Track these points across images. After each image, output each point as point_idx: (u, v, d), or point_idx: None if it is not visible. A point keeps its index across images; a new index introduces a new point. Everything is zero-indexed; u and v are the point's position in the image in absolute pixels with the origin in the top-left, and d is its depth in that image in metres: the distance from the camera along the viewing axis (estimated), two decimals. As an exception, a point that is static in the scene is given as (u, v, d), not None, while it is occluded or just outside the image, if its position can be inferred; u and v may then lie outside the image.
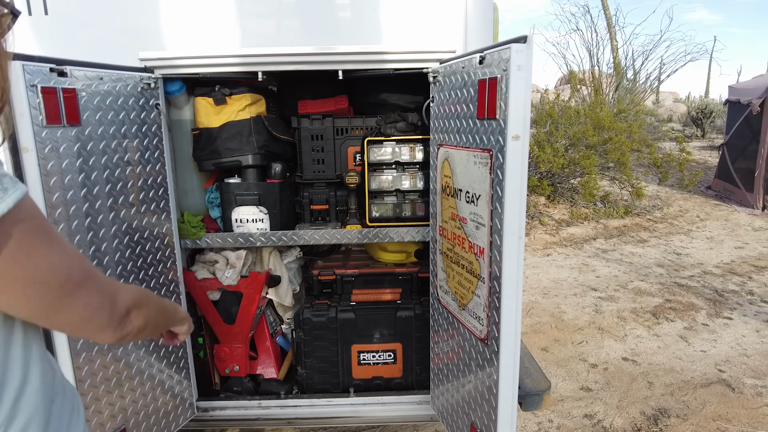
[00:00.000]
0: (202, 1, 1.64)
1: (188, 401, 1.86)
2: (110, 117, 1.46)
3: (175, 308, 1.05)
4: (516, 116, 1.17)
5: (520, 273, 1.27)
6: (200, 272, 1.91)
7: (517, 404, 2.15)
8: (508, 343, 1.29)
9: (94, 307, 0.71)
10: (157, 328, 0.95)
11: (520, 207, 1.22)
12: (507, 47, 1.15)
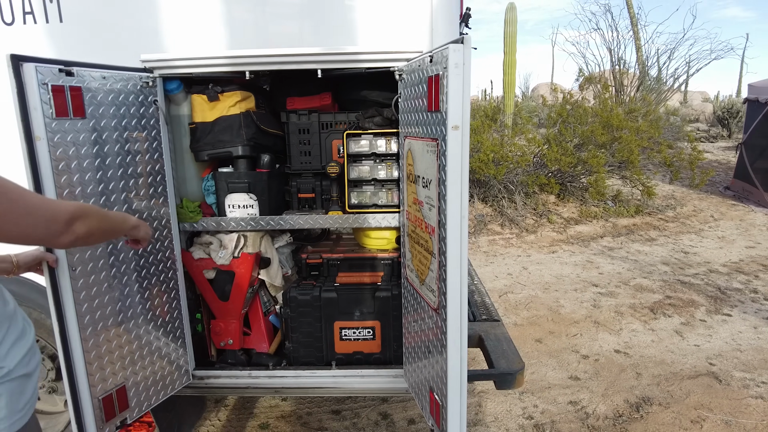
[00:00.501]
0: (196, 9, 1.84)
1: (185, 368, 2.06)
2: (112, 111, 1.67)
3: (123, 218, 1.33)
4: (455, 108, 1.32)
5: (464, 248, 1.41)
6: (197, 253, 2.12)
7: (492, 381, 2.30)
8: (455, 310, 1.44)
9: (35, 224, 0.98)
10: (106, 234, 1.24)
11: (462, 189, 1.37)
12: (446, 47, 1.31)
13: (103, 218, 1.18)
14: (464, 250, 1.42)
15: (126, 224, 1.34)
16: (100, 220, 1.16)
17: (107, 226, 1.21)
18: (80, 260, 1.60)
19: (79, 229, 1.07)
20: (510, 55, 11.76)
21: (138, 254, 1.82)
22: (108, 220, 1.23)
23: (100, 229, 1.16)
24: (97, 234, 1.15)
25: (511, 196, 6.84)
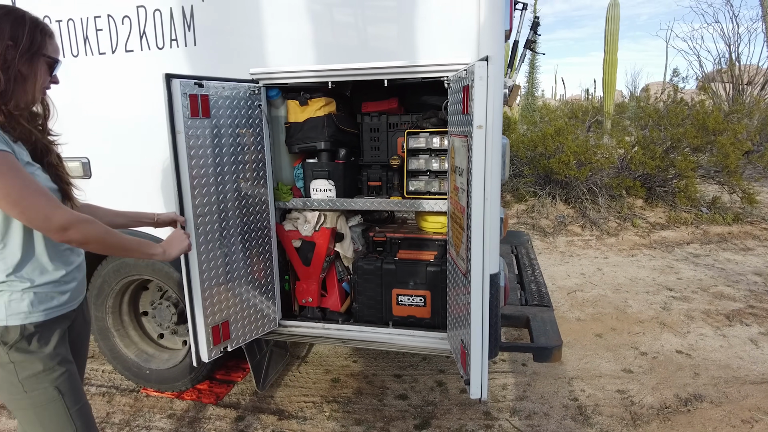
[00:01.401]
0: (291, 33, 2.34)
1: (273, 317, 2.61)
2: (228, 113, 2.24)
3: (139, 243, 1.50)
4: (479, 111, 1.68)
5: (487, 223, 1.76)
6: (287, 225, 2.65)
7: (531, 354, 2.58)
8: (477, 272, 1.79)
9: (33, 219, 1.31)
10: (111, 249, 1.45)
11: (486, 176, 1.72)
12: (474, 64, 1.67)
13: (104, 235, 1.40)
14: (488, 226, 1.77)
15: (144, 249, 1.52)
16: (99, 234, 1.39)
17: (113, 242, 1.43)
18: (201, 222, 2.18)
19: (73, 235, 1.34)
20: (611, 54, 11.38)
21: (243, 222, 2.38)
22: (114, 237, 1.43)
23: (100, 242, 1.39)
24: (95, 245, 1.39)
25: (594, 198, 6.79)
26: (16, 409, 1.48)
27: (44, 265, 1.45)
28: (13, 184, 1.27)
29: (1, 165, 1.26)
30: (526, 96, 18.42)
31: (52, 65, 1.46)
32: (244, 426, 2.78)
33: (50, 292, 1.47)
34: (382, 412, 2.91)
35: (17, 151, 1.37)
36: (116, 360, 3.12)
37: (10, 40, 1.35)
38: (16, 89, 1.37)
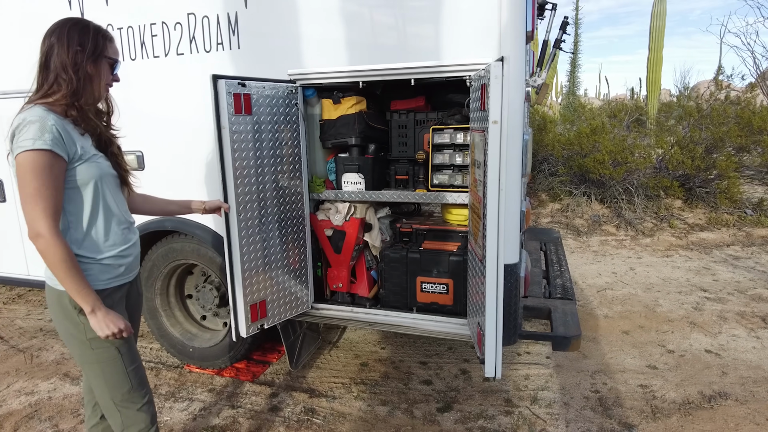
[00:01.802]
0: (325, 36, 2.53)
1: (306, 300, 2.81)
2: (268, 110, 2.45)
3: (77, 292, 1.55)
4: (495, 108, 1.81)
5: (502, 213, 1.89)
6: (320, 215, 2.85)
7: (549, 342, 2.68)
8: (492, 257, 1.92)
9: (26, 214, 1.50)
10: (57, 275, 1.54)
11: (500, 168, 1.85)
12: (490, 64, 1.80)
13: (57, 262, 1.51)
14: (503, 215, 1.89)
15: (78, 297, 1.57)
16: (54, 258, 1.51)
17: (59, 272, 1.53)
18: (243, 209, 2.40)
19: (38, 245, 1.50)
20: (656, 51, 11.11)
21: (280, 211, 2.59)
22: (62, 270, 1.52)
23: (51, 264, 1.52)
24: (48, 262, 1.53)
25: (630, 198, 6.70)
26: (84, 364, 1.73)
27: (104, 243, 1.68)
28: (33, 182, 1.48)
29: (40, 163, 1.48)
30: (567, 95, 18.10)
31: (113, 65, 1.71)
32: (277, 402, 3.00)
33: (110, 265, 1.70)
34: (407, 395, 3.06)
35: (81, 143, 1.59)
36: (163, 338, 3.40)
37: (79, 46, 1.59)
38: (85, 87, 1.62)
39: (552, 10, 3.61)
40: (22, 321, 4.32)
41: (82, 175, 1.60)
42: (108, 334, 1.61)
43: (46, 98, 1.58)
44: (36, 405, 3.02)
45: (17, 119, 1.54)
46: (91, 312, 1.60)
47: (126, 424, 1.77)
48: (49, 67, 1.59)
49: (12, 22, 3.21)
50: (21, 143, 1.48)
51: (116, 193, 1.74)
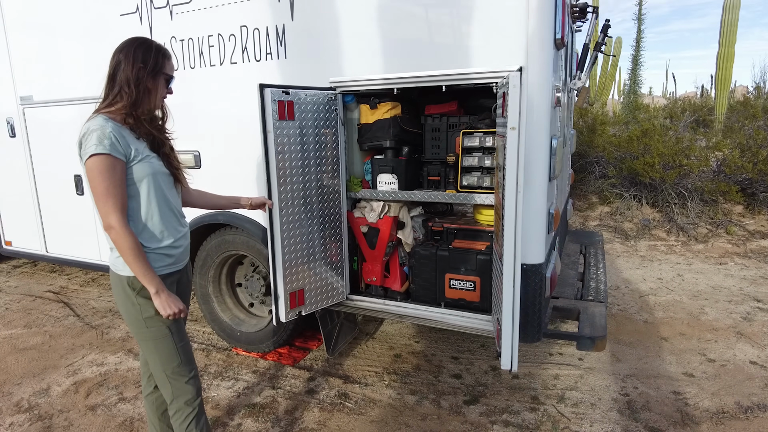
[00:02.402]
0: (363, 46, 2.71)
1: (342, 291, 3.01)
2: (310, 115, 2.66)
3: (144, 276, 1.79)
4: (513, 114, 1.92)
5: (519, 213, 2.00)
6: (356, 213, 3.04)
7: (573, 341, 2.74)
8: (509, 253, 2.03)
9: (99, 209, 1.75)
10: (127, 261, 1.78)
11: (517, 171, 1.96)
12: (509, 73, 1.91)
13: (126, 249, 1.75)
14: (520, 216, 2.00)
15: (145, 280, 1.81)
16: (124, 246, 1.75)
17: (129, 259, 1.77)
18: (285, 206, 2.63)
19: (111, 235, 1.75)
20: (727, 47, 10.53)
21: (319, 208, 2.80)
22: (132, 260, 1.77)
23: (121, 251, 1.76)
24: (121, 253, 1.77)
25: (683, 202, 6.47)
26: (141, 340, 1.98)
27: (158, 234, 1.90)
28: (102, 182, 1.73)
29: (103, 165, 1.72)
30: (629, 94, 17.40)
31: (168, 80, 1.94)
32: (314, 385, 3.23)
33: (163, 254, 1.93)
34: (436, 387, 3.20)
35: (135, 145, 1.82)
36: (214, 322, 3.72)
37: (141, 63, 1.83)
38: (144, 99, 1.86)
39: (593, 13, 3.63)
40: (95, 302, 4.82)
41: (137, 174, 1.82)
42: (168, 314, 1.84)
43: (109, 107, 1.82)
44: (105, 374, 3.41)
45: (83, 129, 1.78)
46: (155, 293, 1.82)
47: (175, 394, 2.01)
48: (115, 80, 1.83)
49: (89, 36, 3.63)
50: (86, 150, 1.73)
51: (169, 190, 1.94)
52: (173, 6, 3.20)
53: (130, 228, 1.78)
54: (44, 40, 3.93)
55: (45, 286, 5.32)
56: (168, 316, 1.85)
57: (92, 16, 3.59)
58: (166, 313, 1.85)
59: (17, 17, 4.03)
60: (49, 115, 4.08)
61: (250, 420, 2.87)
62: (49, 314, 4.54)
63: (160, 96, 1.93)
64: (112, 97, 1.83)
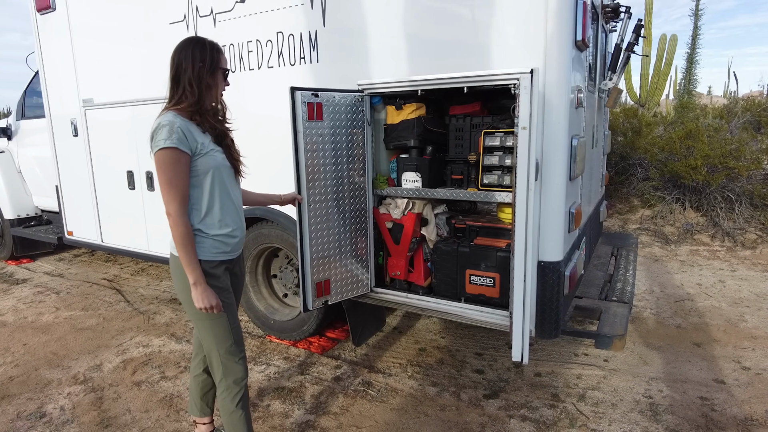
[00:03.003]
0: (389, 51, 2.84)
1: (367, 283, 3.15)
2: (338, 117, 2.82)
3: (188, 265, 1.91)
4: (524, 115, 2.00)
5: (528, 204, 2.07)
6: (382, 209, 3.17)
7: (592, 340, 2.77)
8: (520, 249, 2.10)
9: (164, 197, 1.88)
10: (177, 247, 1.91)
11: (528, 170, 2.03)
12: (519, 75, 1.99)
13: (179, 238, 1.89)
14: (527, 207, 2.07)
15: (188, 269, 1.93)
16: (178, 235, 1.89)
17: (178, 245, 1.91)
18: (313, 201, 2.79)
19: (170, 222, 1.89)
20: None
21: (346, 204, 2.95)
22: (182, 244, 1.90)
23: (175, 239, 1.91)
24: (173, 236, 1.91)
25: (731, 206, 6.22)
26: (197, 320, 2.08)
27: (217, 222, 2.02)
28: (167, 173, 1.88)
29: (170, 158, 1.87)
30: (683, 93, 16.68)
31: (225, 74, 2.06)
32: (340, 373, 3.38)
33: (220, 241, 2.03)
34: (458, 380, 3.29)
35: (201, 139, 1.95)
36: (250, 311, 3.95)
37: (201, 62, 1.95)
38: (207, 95, 1.99)
39: (626, 12, 3.62)
40: (143, 290, 5.19)
41: (202, 167, 1.95)
42: (201, 307, 1.94)
43: (177, 106, 1.96)
44: (150, 355, 3.69)
45: (154, 123, 1.93)
46: (193, 284, 1.93)
47: (226, 373, 2.14)
48: (179, 82, 1.96)
49: (143, 43, 3.94)
50: (156, 143, 1.88)
51: (230, 182, 2.07)
52: (216, 14, 3.45)
53: (186, 218, 1.92)
54: (104, 46, 4.29)
55: (100, 274, 5.76)
56: (200, 308, 1.95)
57: (145, 25, 3.90)
58: (199, 306, 1.94)
59: (82, 25, 4.41)
60: (107, 116, 4.44)
61: (278, 402, 3.05)
62: (103, 299, 4.93)
63: (220, 90, 2.06)
64: (178, 97, 1.97)
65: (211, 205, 2.00)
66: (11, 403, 3.10)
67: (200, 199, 1.99)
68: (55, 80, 4.81)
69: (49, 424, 2.89)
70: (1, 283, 5.53)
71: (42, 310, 4.68)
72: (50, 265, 6.19)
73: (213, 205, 2.01)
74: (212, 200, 2.00)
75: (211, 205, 2.01)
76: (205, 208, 1.99)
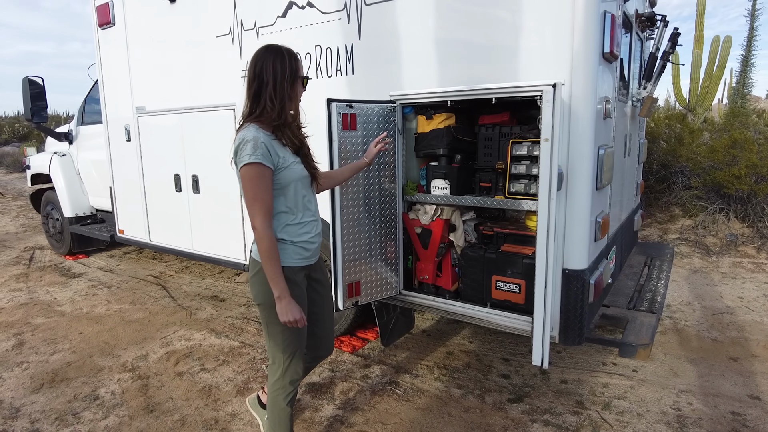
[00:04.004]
0: (419, 63, 2.95)
1: (396, 286, 3.27)
2: (371, 126, 2.96)
3: (272, 278, 1.95)
4: (546, 127, 2.07)
5: (549, 213, 2.13)
6: (411, 215, 3.29)
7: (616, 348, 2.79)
8: (541, 256, 2.17)
9: (249, 210, 1.94)
10: (262, 260, 1.96)
11: (550, 180, 2.10)
12: (543, 89, 2.07)
13: (264, 250, 1.93)
14: (551, 219, 2.14)
15: (273, 282, 1.96)
16: (262, 247, 1.93)
17: (264, 259, 1.95)
18: (346, 206, 2.93)
19: (255, 235, 1.94)
20: None
21: (377, 209, 3.08)
22: (267, 262, 1.95)
23: (261, 250, 1.94)
24: (261, 252, 1.95)
25: (778, 217, 5.99)
26: (268, 323, 2.13)
27: (298, 230, 2.11)
28: (252, 188, 1.94)
29: (255, 173, 1.92)
30: (736, 99, 16.00)
31: (305, 82, 2.08)
32: (368, 372, 3.51)
33: (301, 248, 2.12)
34: (483, 384, 3.35)
35: (282, 153, 2.01)
36: (286, 309, 4.13)
37: (281, 75, 1.97)
38: (288, 108, 2.03)
39: (661, 21, 3.62)
40: (186, 287, 5.48)
41: (283, 180, 2.01)
42: (285, 321, 1.99)
43: (258, 118, 2.01)
44: (191, 348, 3.93)
45: (238, 138, 1.96)
46: (278, 297, 1.96)
47: (284, 374, 2.21)
48: (260, 96, 1.98)
49: (191, 54, 4.21)
50: (241, 158, 1.91)
51: (308, 192, 2.15)
52: (259, 28, 3.66)
53: (271, 231, 1.96)
54: (156, 58, 4.60)
55: (147, 271, 6.12)
56: (285, 322, 1.99)
57: (194, 38, 4.17)
58: (283, 320, 1.98)
59: (137, 39, 4.75)
60: (157, 122, 4.75)
61: (308, 396, 3.21)
62: (149, 294, 5.25)
63: (299, 97, 2.10)
64: (259, 111, 2.00)
65: (291, 214, 2.08)
66: (69, 386, 3.39)
67: (281, 208, 2.06)
68: (112, 89, 5.18)
69: (102, 406, 3.14)
70: (60, 276, 5.97)
71: (95, 302, 5.04)
72: (103, 261, 6.62)
73: (293, 213, 2.08)
74: (293, 210, 2.08)
75: (291, 215, 2.08)
76: (286, 217, 2.07)
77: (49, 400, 3.22)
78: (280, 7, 3.54)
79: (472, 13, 2.73)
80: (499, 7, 2.64)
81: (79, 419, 3.01)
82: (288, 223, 2.08)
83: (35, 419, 3.02)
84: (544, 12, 2.50)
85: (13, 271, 6.23)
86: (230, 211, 4.21)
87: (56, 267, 6.38)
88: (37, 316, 4.66)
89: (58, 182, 6.40)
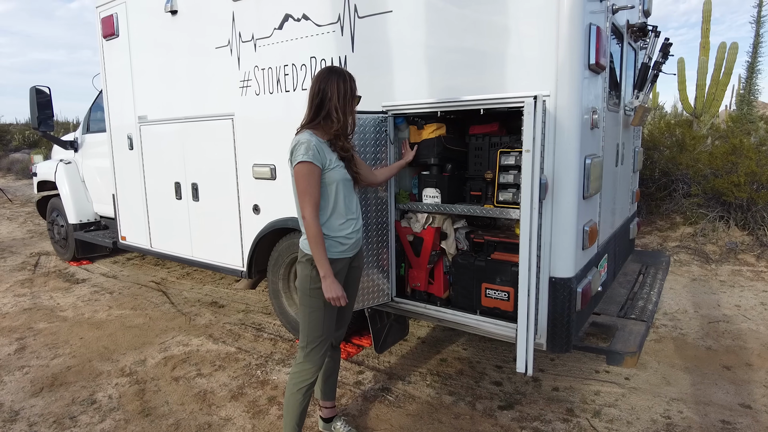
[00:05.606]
0: (410, 76, 3.01)
1: (388, 293, 3.31)
2: (364, 136, 3.01)
3: (319, 261, 2.23)
4: (527, 138, 2.12)
5: (531, 222, 2.17)
6: (404, 223, 3.33)
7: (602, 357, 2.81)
8: (524, 265, 2.21)
9: (300, 203, 2.21)
10: (310, 245, 2.24)
11: (531, 190, 2.15)
12: (523, 100, 2.12)
13: (311, 238, 2.21)
14: (533, 227, 2.18)
15: (319, 264, 2.24)
16: (310, 236, 2.21)
17: (312, 244, 2.22)
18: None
19: (304, 225, 2.23)
20: None
21: (369, 217, 3.14)
22: (315, 248, 2.22)
23: (309, 239, 2.23)
24: (308, 239, 2.23)
25: (778, 226, 5.97)
26: (301, 305, 2.41)
27: (338, 226, 2.36)
28: (303, 183, 2.22)
29: (306, 170, 2.20)
30: (741, 105, 15.94)
31: (358, 100, 2.41)
32: (361, 378, 3.55)
33: (340, 243, 2.37)
34: (474, 391, 3.38)
35: (329, 156, 2.29)
36: (282, 315, 4.19)
37: (344, 93, 2.29)
38: (348, 121, 2.34)
39: (653, 31, 3.66)
40: (187, 293, 5.56)
41: (328, 179, 2.29)
42: (329, 297, 2.26)
43: (315, 127, 2.32)
44: (188, 353, 3.99)
45: (294, 141, 2.28)
46: (323, 277, 2.25)
47: (306, 358, 2.44)
48: (323, 107, 2.29)
49: (191, 65, 4.30)
50: (296, 157, 2.21)
51: (349, 192, 2.40)
52: (257, 40, 3.74)
53: (318, 221, 2.24)
54: (158, 68, 4.70)
55: (149, 277, 6.21)
56: (328, 299, 2.27)
57: (194, 49, 4.27)
58: (328, 296, 2.26)
59: (140, 50, 4.86)
60: (159, 131, 4.85)
61: (301, 402, 3.25)
62: (150, 300, 5.32)
63: (354, 114, 2.42)
64: (319, 119, 2.31)
65: (333, 210, 2.34)
66: (68, 390, 3.46)
67: (326, 206, 2.33)
68: (116, 98, 5.29)
69: (99, 410, 3.20)
70: (64, 282, 6.07)
71: (97, 308, 5.12)
72: (106, 267, 6.72)
73: (335, 210, 2.35)
74: (335, 208, 2.35)
75: (333, 211, 2.34)
76: (329, 213, 2.33)
77: (48, 403, 3.29)
78: (276, 20, 3.62)
79: (461, 27, 2.79)
80: (487, 21, 2.69)
81: (76, 423, 3.07)
82: (329, 219, 2.33)
83: (33, 422, 3.08)
84: (531, 26, 2.55)
85: (18, 276, 6.34)
86: (228, 218, 4.28)
87: (60, 273, 6.49)
88: (40, 321, 4.75)
89: (63, 189, 6.52)
